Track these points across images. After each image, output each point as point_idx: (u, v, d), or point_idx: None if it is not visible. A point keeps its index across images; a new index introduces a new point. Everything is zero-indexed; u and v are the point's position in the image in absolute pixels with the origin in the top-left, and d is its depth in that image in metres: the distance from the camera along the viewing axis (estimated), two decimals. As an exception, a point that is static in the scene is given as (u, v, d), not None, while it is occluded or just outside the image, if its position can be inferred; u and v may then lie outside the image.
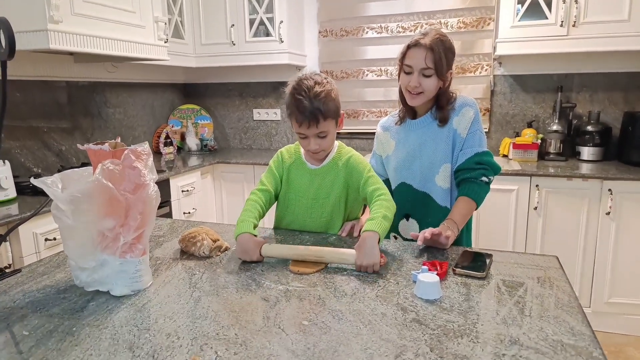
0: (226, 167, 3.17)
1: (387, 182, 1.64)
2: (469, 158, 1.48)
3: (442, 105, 1.51)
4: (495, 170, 1.50)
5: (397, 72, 1.52)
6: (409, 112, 1.58)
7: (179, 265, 1.23)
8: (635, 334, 2.50)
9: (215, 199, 3.23)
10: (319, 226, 1.48)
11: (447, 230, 1.31)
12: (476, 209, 1.50)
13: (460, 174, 1.50)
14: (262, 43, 3.19)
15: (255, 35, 3.21)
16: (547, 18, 2.61)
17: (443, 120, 1.50)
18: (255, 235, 1.29)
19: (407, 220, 1.61)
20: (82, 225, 0.99)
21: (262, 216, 1.43)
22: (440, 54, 1.41)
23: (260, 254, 1.24)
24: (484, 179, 1.47)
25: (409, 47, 1.46)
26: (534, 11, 2.65)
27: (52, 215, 1.01)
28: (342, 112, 1.40)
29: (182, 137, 3.67)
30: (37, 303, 1.01)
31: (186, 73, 3.82)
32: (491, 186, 1.51)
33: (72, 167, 1.26)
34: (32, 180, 1.01)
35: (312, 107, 1.30)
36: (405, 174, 1.58)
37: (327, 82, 1.36)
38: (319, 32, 3.44)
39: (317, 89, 1.31)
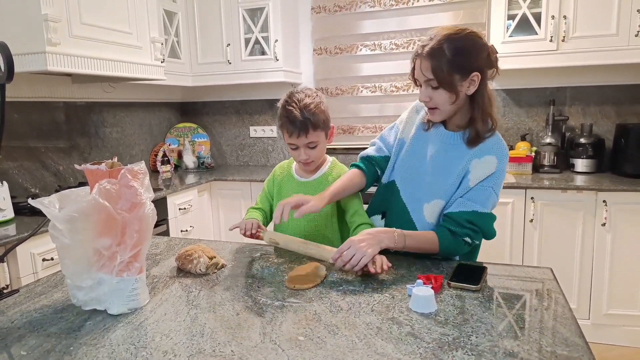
0: (223, 185, 3.19)
1: (374, 163, 1.50)
2: (465, 212, 1.29)
3: (474, 119, 1.29)
4: (487, 236, 1.35)
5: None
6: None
7: (176, 283, 1.23)
8: (635, 345, 2.49)
9: (212, 216, 3.23)
10: (314, 241, 1.46)
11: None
12: (435, 254, 1.34)
13: (447, 221, 1.32)
14: (257, 61, 3.24)
15: (250, 54, 3.26)
16: (537, 33, 2.67)
17: (470, 142, 1.30)
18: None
19: (382, 218, 1.48)
20: (79, 244, 1.00)
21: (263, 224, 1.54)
22: (441, 61, 1.21)
23: (261, 235, 1.41)
24: (467, 239, 1.31)
25: (414, 58, 1.30)
26: (524, 27, 2.71)
27: (50, 235, 1.02)
28: (332, 125, 1.45)
29: (180, 155, 3.69)
30: (34, 323, 1.01)
31: (183, 92, 3.86)
32: None
33: (69, 187, 1.27)
34: (30, 201, 1.02)
35: (302, 118, 1.36)
36: (401, 176, 1.43)
37: (317, 95, 1.42)
38: (314, 50, 3.49)
39: (307, 100, 1.38)
